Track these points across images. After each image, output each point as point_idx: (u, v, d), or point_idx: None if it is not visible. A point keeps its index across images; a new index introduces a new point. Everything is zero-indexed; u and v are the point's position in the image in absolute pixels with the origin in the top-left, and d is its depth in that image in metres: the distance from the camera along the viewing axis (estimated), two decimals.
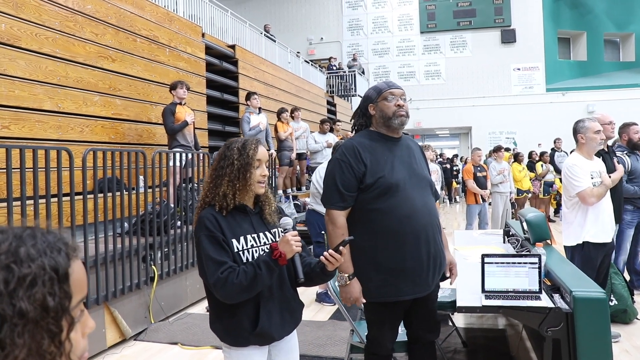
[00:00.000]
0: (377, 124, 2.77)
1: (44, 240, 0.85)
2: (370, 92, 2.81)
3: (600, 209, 4.14)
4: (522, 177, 11.32)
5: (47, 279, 0.82)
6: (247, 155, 2.18)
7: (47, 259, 0.83)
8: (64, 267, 0.85)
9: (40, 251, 0.83)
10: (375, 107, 2.75)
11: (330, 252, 2.14)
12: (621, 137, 5.58)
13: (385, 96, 2.72)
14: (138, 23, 7.20)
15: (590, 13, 21.79)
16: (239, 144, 2.21)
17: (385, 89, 2.75)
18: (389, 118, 2.71)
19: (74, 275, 0.87)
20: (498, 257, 3.07)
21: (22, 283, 0.80)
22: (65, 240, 0.89)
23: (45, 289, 0.81)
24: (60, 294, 0.83)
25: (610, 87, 20.73)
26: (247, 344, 2.16)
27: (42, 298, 0.81)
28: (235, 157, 2.17)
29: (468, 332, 4.75)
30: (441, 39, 22.94)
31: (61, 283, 0.84)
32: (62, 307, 0.84)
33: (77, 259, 0.89)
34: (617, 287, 4.81)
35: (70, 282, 0.86)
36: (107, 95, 6.39)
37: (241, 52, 11.11)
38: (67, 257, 0.86)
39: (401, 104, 2.72)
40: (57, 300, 0.82)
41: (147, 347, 4.63)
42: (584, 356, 2.55)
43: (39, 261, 0.82)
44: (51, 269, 0.83)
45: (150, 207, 5.41)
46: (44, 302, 0.81)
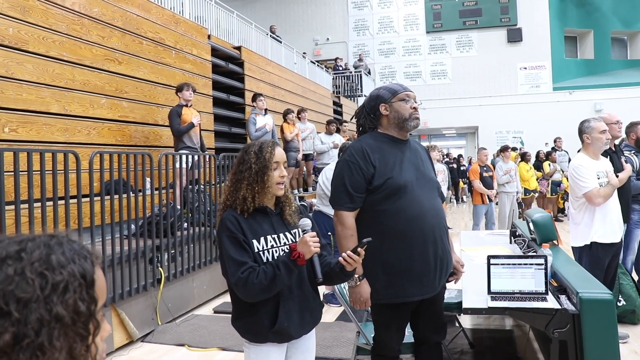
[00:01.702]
0: (389, 124, 2.76)
1: (71, 248, 0.89)
2: (382, 92, 2.78)
3: (607, 209, 4.12)
4: (529, 177, 11.28)
5: (77, 285, 0.86)
6: (264, 159, 2.22)
7: (76, 266, 0.87)
8: (90, 274, 0.89)
9: (69, 258, 0.87)
10: (390, 108, 2.73)
11: (349, 253, 2.17)
12: (629, 137, 5.54)
13: (401, 97, 2.72)
14: (144, 25, 7.23)
15: (597, 11, 21.67)
16: (256, 148, 2.25)
17: (401, 90, 2.75)
18: (405, 120, 2.71)
19: (98, 281, 0.91)
20: (504, 258, 3.07)
21: (57, 289, 0.83)
22: (89, 248, 0.93)
23: (77, 295, 0.85)
24: (88, 299, 0.87)
25: (618, 86, 20.61)
26: (265, 341, 2.21)
27: (74, 303, 0.84)
28: (253, 161, 2.22)
29: (475, 333, 4.74)
30: (447, 39, 22.90)
31: (89, 289, 0.88)
32: (90, 311, 0.87)
33: (99, 266, 0.93)
34: (625, 288, 4.78)
35: (95, 288, 0.90)
36: (113, 97, 6.43)
37: (247, 53, 11.13)
38: (92, 264, 0.90)
39: (416, 106, 2.75)
40: (86, 305, 0.86)
41: (154, 348, 4.64)
42: (592, 358, 2.54)
43: (69, 268, 0.86)
44: (80, 276, 0.87)
45: (157, 209, 5.43)
46: (75, 307, 0.85)
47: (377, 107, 2.76)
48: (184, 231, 5.79)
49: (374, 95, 2.81)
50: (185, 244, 5.74)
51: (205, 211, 6.32)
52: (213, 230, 6.23)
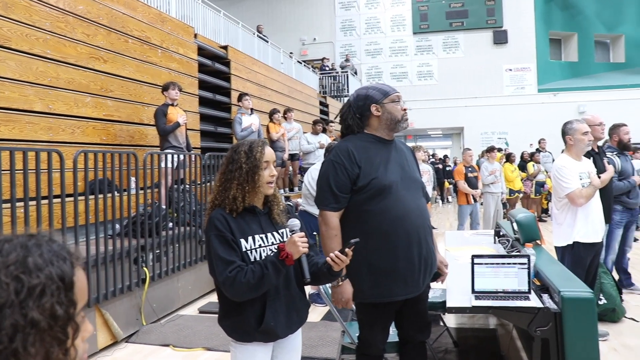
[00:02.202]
0: (379, 125, 2.75)
1: (50, 250, 0.87)
2: (372, 92, 2.76)
3: (589, 209, 4.18)
4: (514, 178, 11.38)
5: (55, 288, 0.84)
6: (254, 158, 2.23)
7: (54, 268, 0.85)
8: (69, 276, 0.87)
9: (47, 261, 0.85)
10: (382, 109, 2.72)
11: (337, 253, 2.18)
12: (611, 138, 5.63)
13: (393, 98, 2.73)
14: (130, 24, 7.18)
15: (581, 14, 21.94)
16: (246, 147, 2.26)
17: (392, 92, 2.76)
18: (397, 121, 2.73)
19: (78, 283, 0.89)
20: (488, 257, 3.10)
21: (32, 293, 0.81)
22: (69, 249, 0.90)
23: (54, 299, 0.83)
24: (66, 302, 0.85)
25: (601, 88, 20.88)
26: (251, 340, 2.22)
27: (51, 307, 0.83)
28: (243, 161, 2.22)
29: (459, 332, 4.77)
30: (434, 40, 23.04)
31: (67, 291, 0.86)
32: (69, 315, 0.86)
33: (79, 267, 0.91)
34: (606, 287, 4.85)
35: (75, 290, 0.88)
36: (98, 96, 6.38)
37: (234, 52, 11.10)
38: (72, 265, 0.88)
39: (406, 108, 2.78)
40: (64, 308, 0.85)
41: (138, 349, 4.62)
42: (572, 355, 2.58)
43: (47, 271, 0.84)
44: (58, 278, 0.85)
45: (142, 209, 5.41)
46: (52, 311, 0.83)
47: (368, 108, 2.74)
48: (169, 231, 5.77)
49: (363, 95, 2.78)
50: (171, 244, 5.72)
51: (190, 211, 6.30)
52: (199, 230, 6.22)
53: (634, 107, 19.38)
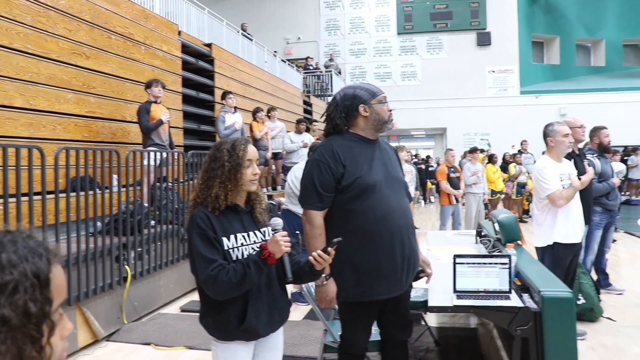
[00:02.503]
0: (366, 126, 2.75)
1: (25, 246, 0.85)
2: (360, 92, 2.75)
3: (569, 210, 4.24)
4: (496, 178, 11.46)
5: (28, 285, 0.82)
6: (237, 156, 2.22)
7: (29, 265, 0.83)
8: (45, 273, 0.85)
9: (22, 257, 0.83)
10: (370, 109, 2.72)
11: (319, 252, 2.19)
12: (592, 141, 5.70)
13: (380, 99, 2.74)
14: (113, 20, 7.12)
15: (563, 18, 22.24)
16: (228, 146, 2.25)
17: (379, 92, 2.76)
18: (384, 122, 2.75)
19: (55, 280, 0.87)
20: (469, 257, 3.12)
21: (4, 290, 0.80)
22: (46, 245, 0.89)
23: (27, 296, 0.82)
24: (41, 299, 0.84)
25: (582, 91, 21.20)
26: (233, 339, 2.22)
27: (24, 304, 0.81)
28: (226, 159, 2.21)
29: (440, 331, 4.81)
30: (418, 41, 23.17)
31: (42, 289, 0.84)
32: (44, 312, 0.84)
33: (57, 264, 0.89)
34: (585, 287, 4.92)
35: (51, 288, 0.86)
36: (80, 92, 6.31)
37: (218, 50, 11.06)
38: (48, 262, 0.87)
39: (392, 109, 2.80)
40: (38, 306, 0.83)
41: (119, 347, 4.58)
42: (551, 354, 2.61)
43: (21, 267, 0.82)
44: (33, 275, 0.83)
45: (124, 207, 5.37)
46: (25, 309, 0.81)
47: (356, 108, 2.73)
48: (151, 229, 5.73)
49: (350, 94, 2.76)
50: (153, 242, 5.68)
51: (173, 209, 6.27)
52: (181, 228, 6.19)
53: (614, 111, 19.70)
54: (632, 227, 11.21)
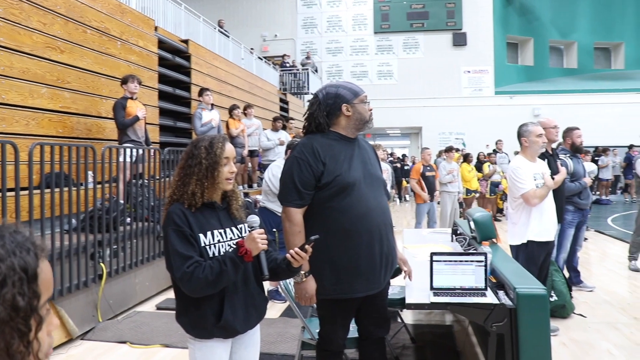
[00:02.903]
0: (347, 125, 2.76)
1: (13, 240, 0.85)
2: (342, 91, 2.75)
3: (543, 209, 4.32)
4: (471, 177, 11.59)
5: (16, 279, 0.82)
6: (214, 154, 2.21)
7: (17, 259, 0.83)
8: (33, 267, 0.85)
9: (10, 251, 0.83)
10: (352, 109, 2.74)
11: (297, 250, 2.20)
12: (565, 141, 5.81)
13: (362, 99, 2.76)
14: (88, 14, 7.02)
15: (537, 20, 22.62)
16: (206, 143, 2.23)
17: (361, 92, 2.78)
18: (366, 121, 2.77)
19: (42, 275, 0.88)
20: (446, 255, 3.17)
21: None
22: (33, 240, 0.89)
23: (15, 290, 0.82)
24: (29, 293, 0.84)
25: (555, 92, 21.57)
26: (210, 337, 2.21)
27: (11, 298, 0.81)
28: (203, 156, 2.20)
29: (416, 328, 4.86)
30: (394, 40, 23.29)
31: (30, 283, 0.84)
32: (31, 306, 0.84)
33: (44, 259, 0.89)
34: (557, 284, 5.02)
35: (38, 282, 0.86)
36: (55, 87, 6.22)
37: (194, 47, 10.99)
38: (36, 257, 0.87)
39: (372, 109, 2.82)
40: (26, 300, 0.83)
41: (94, 346, 4.53)
42: (526, 349, 2.66)
43: (9, 261, 0.82)
44: (21, 269, 0.83)
45: (100, 203, 5.31)
46: (14, 303, 0.81)
47: (338, 107, 2.74)
48: (126, 226, 5.67)
49: (333, 93, 2.76)
50: (128, 240, 5.63)
51: (149, 206, 6.22)
52: (157, 225, 6.14)
53: (585, 112, 20.08)
54: (602, 226, 11.46)
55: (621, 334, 4.63)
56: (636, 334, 4.64)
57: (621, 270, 7.13)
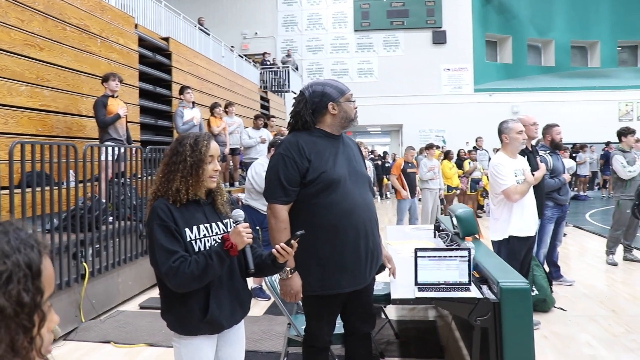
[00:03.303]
0: (333, 123, 2.78)
1: (17, 237, 0.86)
2: (328, 89, 2.77)
3: (524, 204, 4.39)
4: (452, 174, 11.69)
5: (22, 275, 0.83)
6: (199, 152, 2.21)
7: (22, 255, 0.84)
8: (37, 264, 0.86)
9: (14, 248, 0.84)
10: (338, 107, 2.75)
11: (282, 245, 2.21)
12: (544, 138, 5.90)
13: (348, 97, 2.78)
14: (68, 11, 6.94)
15: (516, 18, 22.87)
16: (191, 140, 2.24)
17: (347, 90, 2.80)
18: (351, 120, 2.79)
19: (45, 271, 0.88)
20: (430, 251, 3.20)
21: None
22: (36, 237, 0.90)
23: (21, 286, 0.82)
24: (33, 290, 0.85)
25: (533, 90, 21.84)
26: (197, 333, 2.21)
27: (17, 294, 0.82)
28: (188, 154, 2.20)
29: (400, 324, 4.90)
30: (374, 38, 23.35)
31: (34, 279, 0.85)
32: (35, 303, 0.85)
33: (47, 256, 0.90)
34: (538, 278, 5.10)
35: (42, 279, 0.87)
36: (34, 85, 6.14)
37: (175, 44, 10.91)
38: (39, 253, 0.88)
39: (357, 107, 2.84)
40: (30, 296, 0.84)
41: (77, 346, 4.49)
42: (509, 342, 2.71)
43: (14, 258, 0.83)
44: (26, 266, 0.84)
45: (81, 202, 5.26)
46: (19, 298, 0.82)
47: (325, 105, 2.75)
48: (109, 225, 5.63)
49: (319, 91, 2.77)
50: (111, 239, 5.59)
51: (131, 205, 6.18)
52: (139, 224, 6.10)
53: (563, 109, 20.39)
54: (580, 222, 11.64)
55: (600, 327, 4.73)
56: (614, 326, 4.74)
57: (599, 265, 7.26)
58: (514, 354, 2.72)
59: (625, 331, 4.60)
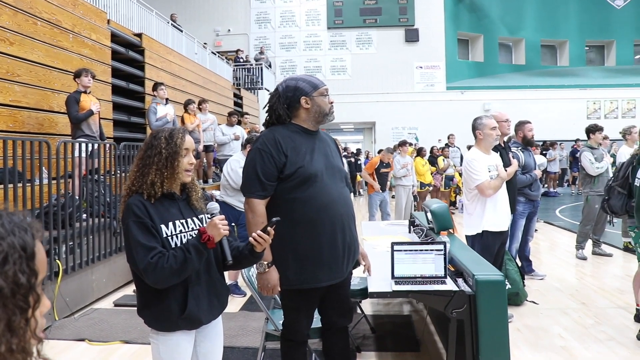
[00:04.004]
0: (307, 117, 2.80)
1: (10, 221, 0.87)
2: (301, 84, 2.80)
3: (497, 200, 4.47)
4: (425, 171, 11.81)
5: (17, 257, 0.84)
6: (175, 144, 2.21)
7: (16, 238, 0.86)
8: (31, 246, 0.88)
9: (9, 230, 0.85)
10: (311, 101, 2.78)
11: (259, 232, 2.22)
12: (517, 134, 6.01)
13: (322, 92, 2.80)
14: (39, 5, 6.81)
15: (487, 17, 23.19)
16: (166, 133, 2.24)
17: (321, 85, 2.81)
18: (325, 114, 2.81)
19: (39, 254, 0.90)
20: (406, 244, 3.25)
21: None
22: (29, 221, 0.91)
23: (16, 267, 0.84)
24: (28, 271, 0.86)
25: (504, 88, 22.17)
26: (175, 329, 2.19)
27: (13, 275, 0.83)
28: (163, 146, 2.20)
29: (376, 318, 4.95)
30: (347, 35, 23.42)
31: (29, 261, 0.87)
32: (30, 284, 0.86)
33: (39, 240, 0.91)
34: (511, 272, 5.20)
35: (36, 261, 0.88)
36: (4, 80, 6.02)
37: (148, 41, 10.80)
38: (33, 237, 0.89)
39: (333, 101, 2.86)
40: (26, 277, 0.85)
41: (52, 345, 4.42)
42: (485, 334, 2.77)
43: (9, 240, 0.84)
44: (20, 248, 0.86)
45: (54, 199, 5.19)
46: (15, 279, 0.83)
47: (297, 100, 2.78)
48: (82, 222, 5.57)
49: (292, 86, 2.80)
50: (84, 236, 5.53)
51: (105, 202, 6.12)
52: (113, 221, 6.04)
53: (533, 107, 20.73)
54: (551, 218, 11.87)
55: (571, 319, 4.85)
56: (584, 318, 4.86)
57: (569, 259, 7.43)
58: (489, 345, 2.78)
59: (595, 322, 4.73)
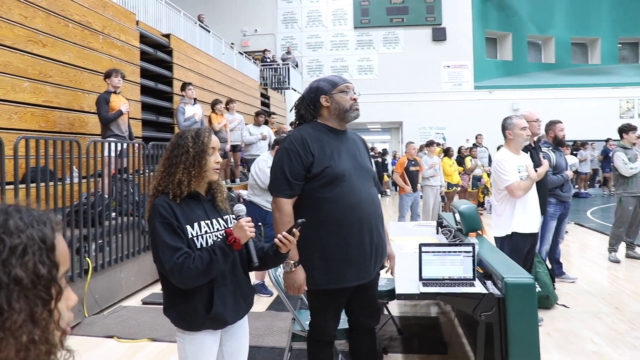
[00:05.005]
0: (329, 115, 2.82)
1: (29, 215, 0.89)
2: (322, 84, 2.84)
3: (527, 201, 4.39)
4: (452, 172, 11.70)
5: (36, 248, 0.86)
6: (202, 143, 2.22)
7: (35, 230, 0.87)
8: (50, 239, 0.89)
9: (28, 223, 0.87)
10: (330, 99, 2.79)
11: (284, 233, 2.22)
12: (547, 134, 5.90)
13: (342, 89, 2.80)
14: (70, 8, 6.93)
15: (516, 15, 22.86)
16: (193, 133, 2.25)
17: (340, 82, 2.82)
18: (345, 111, 2.80)
19: (59, 246, 0.91)
20: (435, 246, 3.22)
21: (15, 252, 0.84)
22: (49, 215, 0.93)
23: (36, 258, 0.86)
24: (49, 263, 0.88)
25: (533, 87, 21.82)
26: (200, 329, 2.20)
27: (33, 266, 0.85)
28: (190, 145, 2.21)
29: (403, 320, 4.91)
30: (374, 35, 23.33)
31: (49, 252, 0.88)
32: (51, 275, 0.88)
33: (60, 232, 0.93)
34: (541, 275, 5.11)
35: (56, 253, 0.90)
36: (37, 81, 6.14)
37: (176, 41, 10.91)
38: (52, 229, 0.91)
39: (356, 97, 2.84)
40: (46, 268, 0.87)
41: (81, 341, 4.49)
42: (514, 337, 2.73)
43: (28, 232, 0.86)
44: (40, 240, 0.87)
45: (85, 198, 5.27)
46: (35, 270, 0.85)
47: (318, 99, 2.81)
48: (112, 221, 5.64)
49: (314, 87, 2.86)
50: (114, 234, 5.60)
51: (133, 201, 6.19)
52: (142, 220, 6.12)
53: (563, 106, 20.33)
54: (581, 219, 11.65)
55: (603, 323, 4.74)
56: (617, 322, 4.75)
57: (601, 262, 7.28)
58: (519, 349, 2.74)
59: (629, 328, 4.62)
